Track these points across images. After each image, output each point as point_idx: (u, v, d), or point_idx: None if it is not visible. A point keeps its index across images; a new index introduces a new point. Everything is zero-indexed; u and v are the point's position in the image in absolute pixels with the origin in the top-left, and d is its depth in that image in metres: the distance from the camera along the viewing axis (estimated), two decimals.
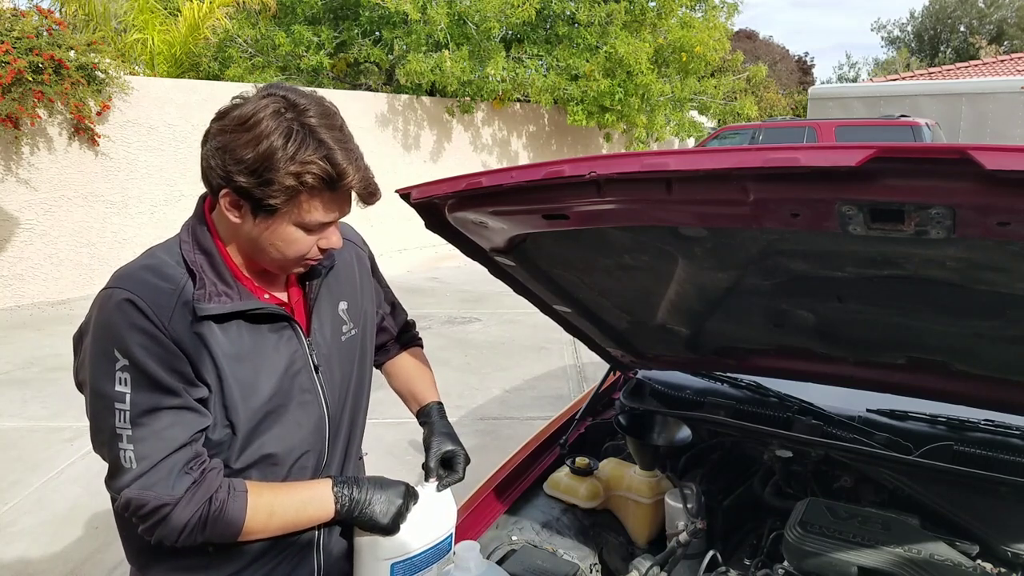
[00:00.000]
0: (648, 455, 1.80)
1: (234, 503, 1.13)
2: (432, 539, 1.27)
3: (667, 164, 1.08)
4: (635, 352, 2.03)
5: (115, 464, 1.09)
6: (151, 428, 1.08)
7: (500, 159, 13.60)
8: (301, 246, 1.16)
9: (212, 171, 1.11)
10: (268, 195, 1.09)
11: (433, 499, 1.31)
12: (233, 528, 1.14)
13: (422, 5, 10.52)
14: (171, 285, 1.13)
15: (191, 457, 1.11)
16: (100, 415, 1.10)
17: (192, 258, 1.16)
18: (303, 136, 1.08)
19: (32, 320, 7.33)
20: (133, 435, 1.08)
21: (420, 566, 1.27)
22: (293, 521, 1.20)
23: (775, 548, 1.55)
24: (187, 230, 1.20)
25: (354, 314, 1.38)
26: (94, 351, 1.11)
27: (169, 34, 11.17)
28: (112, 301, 1.10)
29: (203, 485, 1.11)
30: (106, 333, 1.10)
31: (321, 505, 1.21)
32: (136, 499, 1.08)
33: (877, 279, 1.30)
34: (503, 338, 6.58)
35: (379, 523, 1.21)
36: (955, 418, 1.76)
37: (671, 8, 12.75)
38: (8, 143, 7.59)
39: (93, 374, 1.10)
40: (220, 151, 1.09)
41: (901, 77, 21.36)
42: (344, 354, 1.34)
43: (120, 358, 1.08)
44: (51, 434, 4.55)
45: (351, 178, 1.11)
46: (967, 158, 0.84)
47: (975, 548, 1.41)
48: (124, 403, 1.08)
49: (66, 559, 3.22)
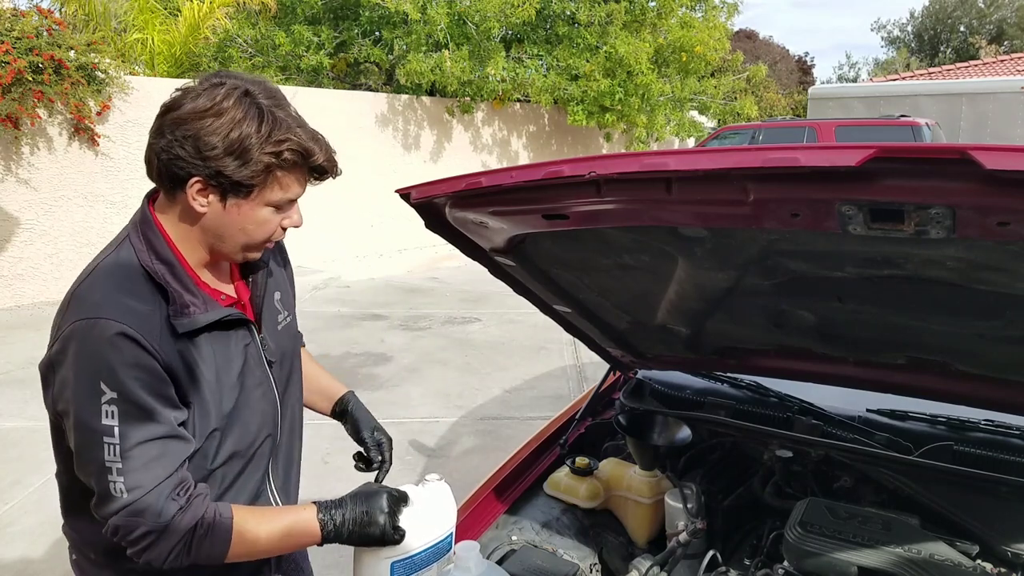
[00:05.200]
0: (648, 455, 1.80)
1: (220, 528, 1.13)
2: (432, 538, 1.27)
3: (667, 164, 1.08)
4: (635, 352, 2.03)
5: (104, 494, 1.09)
6: (140, 460, 1.09)
7: (500, 159, 13.59)
8: (270, 226, 1.19)
9: (180, 160, 1.10)
10: (247, 176, 1.11)
11: (432, 498, 1.31)
12: (218, 553, 1.14)
13: (422, 5, 10.52)
14: (149, 307, 1.13)
15: (177, 484, 1.12)
16: (88, 448, 1.09)
17: (154, 269, 1.15)
18: (271, 117, 1.11)
19: (32, 320, 7.33)
20: (123, 467, 1.08)
21: (420, 565, 1.27)
22: (278, 547, 1.21)
23: (775, 548, 1.55)
24: (138, 237, 1.18)
25: (286, 302, 1.42)
26: (78, 384, 1.09)
27: (169, 34, 11.17)
28: (99, 332, 1.08)
29: (189, 511, 1.11)
30: (92, 365, 1.08)
31: (306, 530, 1.19)
32: (124, 526, 1.09)
33: (877, 279, 1.30)
34: (503, 338, 6.58)
35: (372, 537, 1.20)
36: (955, 418, 1.76)
37: (671, 8, 12.74)
38: (8, 143, 7.59)
39: (78, 407, 1.09)
40: (189, 139, 1.08)
41: (901, 77, 21.37)
42: (283, 341, 1.38)
43: (107, 391, 1.07)
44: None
45: (319, 152, 1.16)
46: (967, 158, 0.84)
47: (975, 548, 1.41)
48: (113, 436, 1.08)
49: (66, 559, 3.21)
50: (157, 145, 1.12)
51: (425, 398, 5.06)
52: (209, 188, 1.12)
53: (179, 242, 1.19)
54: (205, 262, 1.23)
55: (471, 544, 1.28)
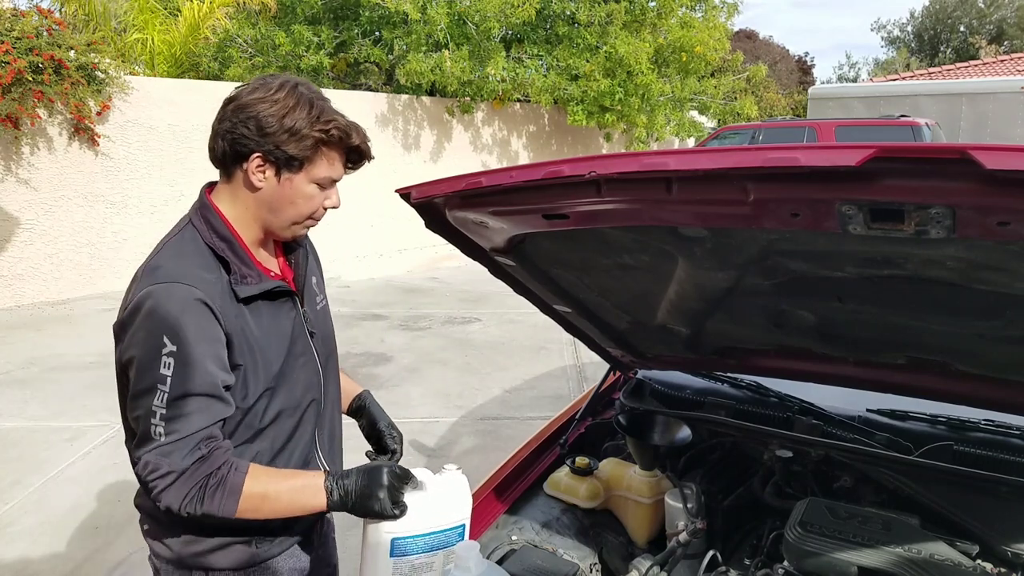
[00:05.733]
0: (648, 455, 1.80)
1: (233, 480, 1.24)
2: (437, 525, 1.30)
3: (667, 164, 1.08)
4: (635, 352, 2.03)
5: (145, 435, 1.23)
6: (182, 410, 1.22)
7: (500, 159, 13.60)
8: (315, 202, 1.36)
9: (244, 139, 1.27)
10: (298, 150, 1.28)
11: (446, 486, 1.34)
12: (229, 504, 1.24)
13: (422, 5, 10.52)
14: (213, 276, 1.29)
15: (207, 437, 1.24)
16: (141, 393, 1.23)
17: (216, 244, 1.32)
18: (318, 104, 1.30)
19: (32, 320, 7.33)
20: (166, 414, 1.22)
21: (422, 548, 1.29)
22: (286, 507, 1.29)
23: (775, 548, 1.55)
24: (199, 220, 1.35)
25: (321, 287, 1.59)
26: (146, 336, 1.23)
27: (169, 34, 11.17)
28: (170, 294, 1.23)
29: (208, 460, 1.23)
30: (160, 322, 1.22)
31: (313, 495, 1.28)
32: (152, 463, 1.22)
33: (877, 279, 1.30)
34: (503, 338, 6.58)
35: (372, 510, 1.27)
36: (955, 418, 1.76)
37: (671, 8, 12.74)
38: (8, 143, 7.59)
39: (141, 356, 1.23)
40: (251, 120, 1.26)
41: (901, 77, 21.37)
42: (321, 320, 1.54)
43: (168, 344, 1.21)
44: (51, 434, 4.55)
45: (357, 136, 1.34)
46: (967, 158, 0.84)
47: (975, 548, 1.41)
48: (165, 385, 1.21)
49: (66, 559, 3.22)
50: (221, 129, 1.29)
51: (425, 398, 5.06)
52: (267, 163, 1.29)
53: (235, 222, 1.35)
54: (258, 240, 1.39)
55: (471, 544, 1.28)
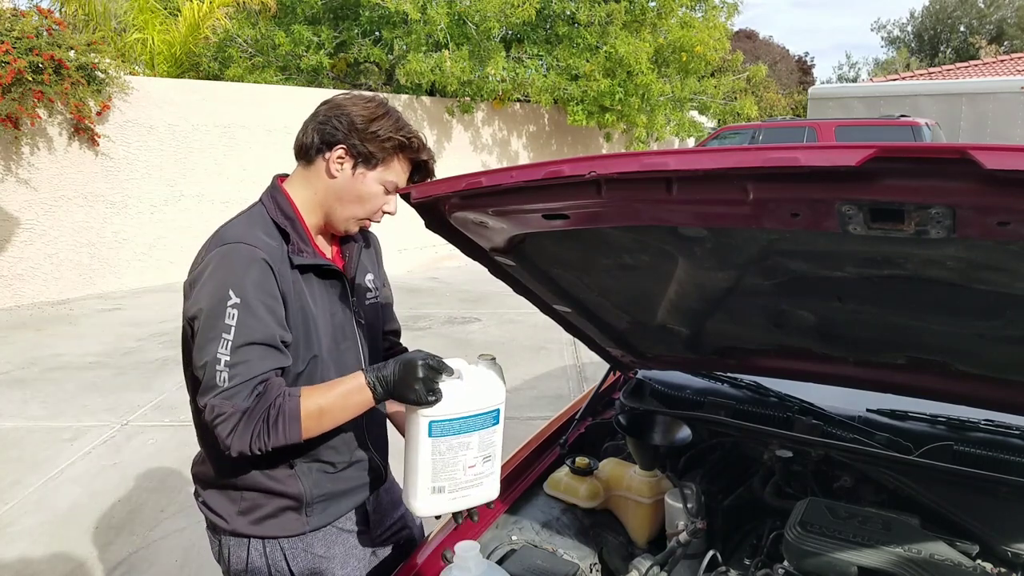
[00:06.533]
0: (648, 455, 1.80)
1: (289, 406, 1.34)
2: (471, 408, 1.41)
3: (667, 164, 1.08)
4: (635, 352, 2.03)
5: (210, 381, 1.33)
6: (244, 357, 1.33)
7: (500, 159, 13.60)
8: (376, 203, 1.51)
9: (335, 131, 1.45)
10: (378, 149, 1.45)
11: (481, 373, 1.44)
12: (293, 429, 1.34)
13: (422, 5, 10.52)
14: (275, 242, 1.44)
15: (264, 380, 1.35)
16: (207, 342, 1.34)
17: (279, 219, 1.48)
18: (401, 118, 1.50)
19: (32, 320, 7.33)
20: (230, 360, 1.33)
21: (458, 430, 1.40)
22: (341, 414, 1.41)
23: (775, 548, 1.55)
24: (269, 200, 1.51)
25: (377, 284, 1.72)
26: (213, 289, 1.35)
27: (169, 34, 11.17)
28: (237, 253, 1.38)
29: (265, 396, 1.34)
30: (226, 276, 1.36)
31: (360, 393, 1.39)
32: (217, 407, 1.32)
33: (877, 279, 1.30)
34: (503, 338, 6.58)
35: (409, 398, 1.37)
36: (955, 418, 1.76)
37: (671, 8, 12.74)
38: (8, 143, 7.59)
39: (208, 307, 1.35)
40: (344, 117, 1.46)
41: (901, 77, 21.36)
42: (371, 312, 1.68)
43: (233, 296, 1.34)
44: (51, 434, 4.56)
45: (426, 151, 1.52)
46: (967, 158, 0.84)
47: (975, 548, 1.41)
48: (229, 334, 1.33)
49: (66, 559, 3.22)
50: (315, 121, 1.48)
51: None
52: (348, 156, 1.46)
53: (302, 206, 1.51)
54: (317, 228, 1.54)
55: (471, 544, 1.28)
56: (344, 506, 1.61)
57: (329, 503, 1.57)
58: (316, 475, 1.54)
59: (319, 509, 1.55)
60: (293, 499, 1.52)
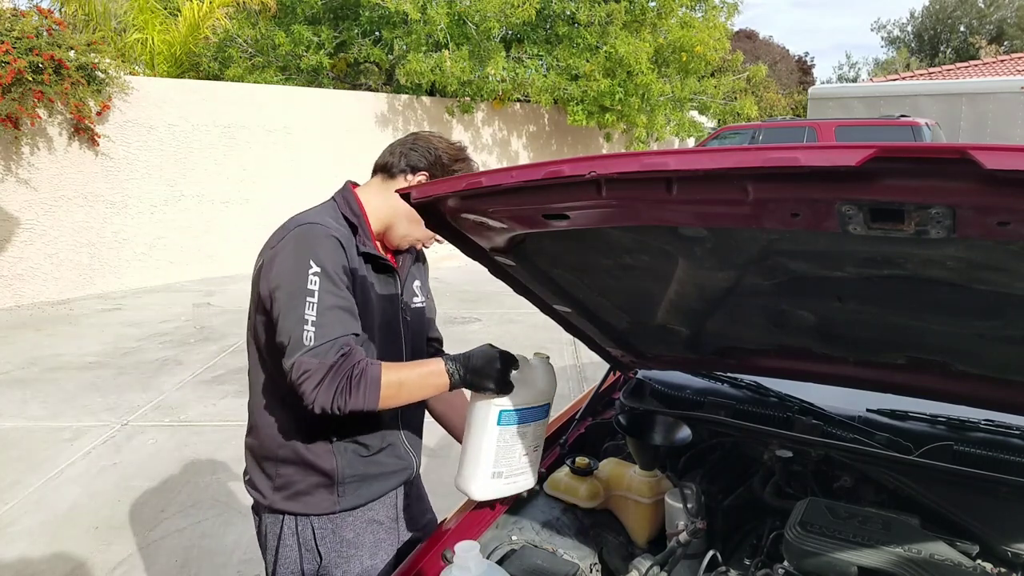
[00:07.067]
0: (648, 455, 1.80)
1: (373, 372, 1.46)
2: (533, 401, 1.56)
3: (667, 164, 1.08)
4: (635, 352, 2.03)
5: (296, 341, 1.44)
6: (328, 318, 1.45)
7: (500, 159, 13.60)
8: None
9: (421, 158, 1.68)
10: None
11: (540, 369, 1.59)
12: (372, 394, 1.45)
13: (422, 5, 10.52)
14: (346, 230, 1.60)
15: (347, 343, 1.46)
16: (292, 307, 1.46)
17: (349, 215, 1.64)
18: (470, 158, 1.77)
19: (32, 320, 7.33)
20: (316, 320, 1.44)
21: (520, 419, 1.54)
22: (418, 392, 1.53)
23: (775, 548, 1.55)
24: (340, 199, 1.68)
25: (424, 293, 1.87)
26: (295, 261, 1.49)
27: (169, 34, 11.17)
28: (313, 231, 1.53)
29: (350, 357, 1.44)
30: (306, 249, 1.50)
31: (438, 376, 1.51)
32: (305, 363, 1.42)
33: (877, 279, 1.30)
34: (503, 338, 6.58)
35: (487, 387, 1.52)
36: (955, 418, 1.76)
37: (671, 8, 12.74)
38: (8, 143, 7.59)
39: (291, 276, 1.48)
40: (433, 149, 1.69)
41: (901, 77, 21.37)
42: (415, 315, 1.82)
43: (314, 266, 1.48)
44: (51, 434, 4.56)
45: None
46: (967, 158, 0.84)
47: (975, 548, 1.41)
48: (314, 297, 1.46)
49: (66, 559, 3.23)
50: (404, 147, 1.70)
51: None
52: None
53: (370, 212, 1.67)
54: (377, 237, 1.71)
55: (471, 544, 1.28)
56: (374, 490, 1.69)
57: (360, 484, 1.66)
58: (350, 455, 1.64)
59: (350, 489, 1.65)
60: (326, 475, 1.62)
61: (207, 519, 3.55)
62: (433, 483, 2.21)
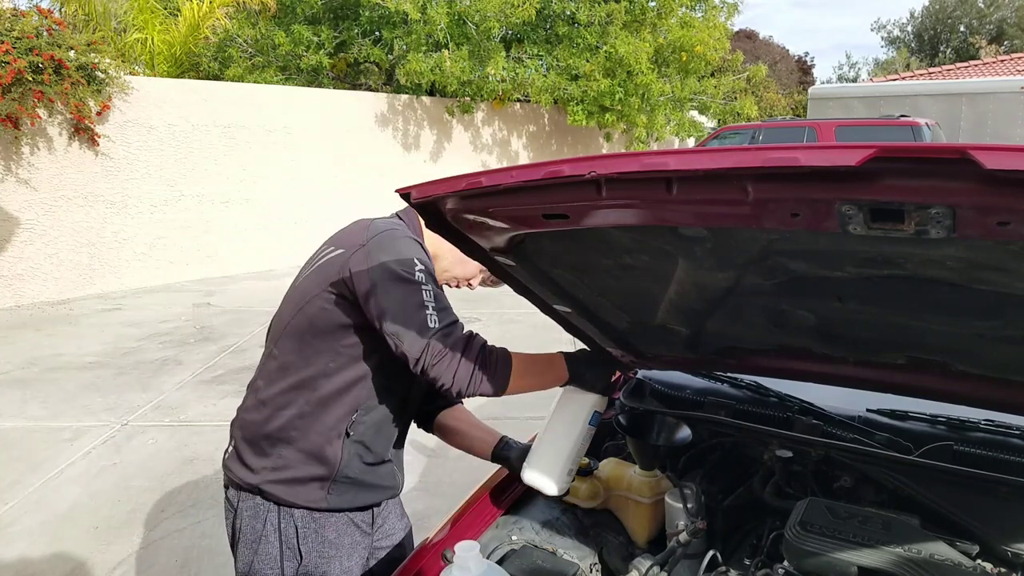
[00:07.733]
0: (648, 455, 1.80)
1: (502, 354, 1.54)
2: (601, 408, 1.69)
3: (667, 164, 1.08)
4: (635, 352, 2.03)
5: (422, 326, 1.49)
6: (442, 303, 1.54)
7: (500, 159, 13.60)
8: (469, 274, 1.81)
9: None
10: None
11: None
12: (503, 375, 1.52)
13: (422, 5, 10.53)
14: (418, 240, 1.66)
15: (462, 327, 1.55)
16: (409, 297, 1.51)
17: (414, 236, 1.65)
18: None
19: (32, 320, 7.33)
20: (435, 306, 1.51)
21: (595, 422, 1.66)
22: (535, 381, 1.60)
23: (775, 548, 1.55)
24: (407, 216, 1.72)
25: None
26: (399, 259, 1.54)
27: (169, 34, 11.18)
28: (401, 234, 1.60)
29: (477, 338, 1.54)
30: (405, 249, 1.56)
31: (559, 369, 1.61)
32: (439, 346, 1.48)
33: (877, 279, 1.30)
34: (503, 338, 6.55)
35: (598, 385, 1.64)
36: (955, 418, 1.76)
37: (671, 8, 12.75)
38: (8, 143, 7.59)
39: (400, 271, 1.52)
40: None
41: (901, 77, 21.37)
42: None
43: (418, 263, 1.54)
44: (51, 434, 4.56)
45: None
46: (967, 158, 0.84)
47: (975, 548, 1.41)
48: (427, 286, 1.53)
49: (66, 559, 3.23)
50: None
51: None
52: None
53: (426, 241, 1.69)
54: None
55: (471, 544, 1.28)
56: (361, 498, 1.69)
57: (351, 489, 1.66)
58: (353, 457, 1.65)
59: (342, 490, 1.65)
60: (324, 468, 1.62)
61: (207, 519, 3.55)
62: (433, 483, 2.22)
